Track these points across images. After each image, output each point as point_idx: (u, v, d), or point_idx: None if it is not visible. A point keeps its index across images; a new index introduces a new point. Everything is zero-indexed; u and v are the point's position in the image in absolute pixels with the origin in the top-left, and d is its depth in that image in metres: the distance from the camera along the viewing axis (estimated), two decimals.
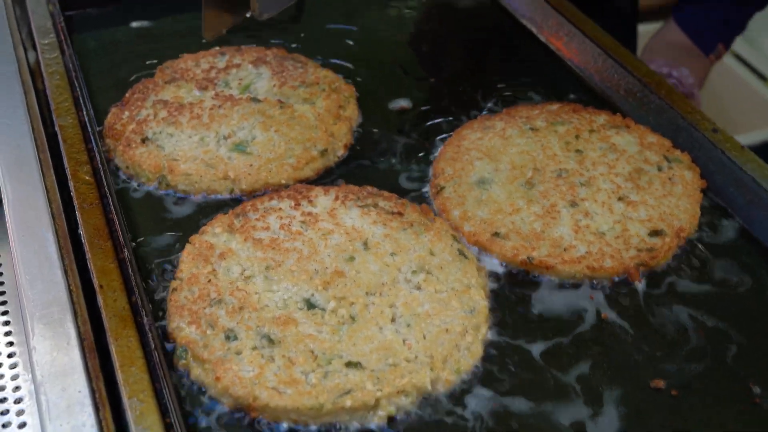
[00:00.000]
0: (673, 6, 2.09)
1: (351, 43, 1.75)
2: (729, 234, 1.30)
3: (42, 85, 1.55)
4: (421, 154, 1.45)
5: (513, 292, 1.21)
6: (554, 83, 1.61)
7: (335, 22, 1.82)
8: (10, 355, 1.13)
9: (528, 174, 1.35)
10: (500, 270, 1.24)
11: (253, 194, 1.36)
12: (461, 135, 1.45)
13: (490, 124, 1.46)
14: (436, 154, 1.44)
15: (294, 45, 1.71)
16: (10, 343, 1.15)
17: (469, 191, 1.33)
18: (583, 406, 1.06)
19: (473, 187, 1.34)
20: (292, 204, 1.29)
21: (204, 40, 1.44)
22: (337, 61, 1.66)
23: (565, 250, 1.23)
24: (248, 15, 1.40)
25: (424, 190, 1.38)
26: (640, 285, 1.21)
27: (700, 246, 1.28)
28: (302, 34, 1.77)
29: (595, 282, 1.21)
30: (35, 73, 1.60)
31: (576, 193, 1.31)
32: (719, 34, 2.04)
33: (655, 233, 1.25)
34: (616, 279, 1.22)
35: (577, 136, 1.42)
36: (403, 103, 1.57)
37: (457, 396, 1.07)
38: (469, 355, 1.10)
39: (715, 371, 1.10)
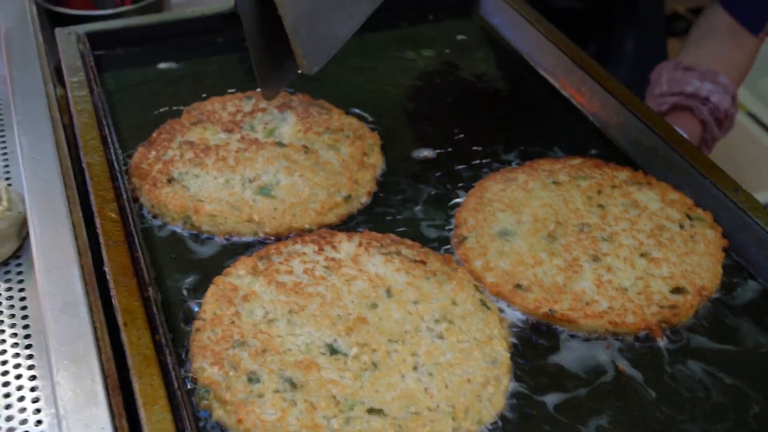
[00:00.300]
0: None
1: (373, 90, 1.78)
2: (751, 294, 1.30)
3: (70, 122, 1.57)
4: (443, 204, 1.46)
5: (534, 344, 1.21)
6: (576, 138, 1.63)
7: (356, 69, 1.85)
8: (33, 389, 1.13)
9: (550, 227, 1.36)
10: (522, 322, 1.24)
11: (276, 237, 1.37)
12: (484, 186, 1.46)
13: (513, 176, 1.48)
14: (458, 205, 1.45)
15: (317, 91, 1.73)
16: (33, 377, 1.15)
17: (491, 242, 1.34)
18: None
19: (495, 239, 1.35)
20: (316, 249, 1.30)
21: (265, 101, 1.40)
22: (359, 110, 1.68)
23: (587, 304, 1.23)
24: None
25: (447, 239, 1.39)
26: (662, 342, 1.21)
27: (721, 305, 1.28)
28: (324, 81, 1.79)
29: (616, 337, 1.22)
30: (63, 110, 1.62)
31: (598, 248, 1.32)
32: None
33: (677, 291, 1.26)
34: (638, 335, 1.22)
35: (599, 191, 1.43)
36: (426, 152, 1.58)
37: None
38: (490, 406, 1.10)
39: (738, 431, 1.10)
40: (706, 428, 1.10)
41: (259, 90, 1.56)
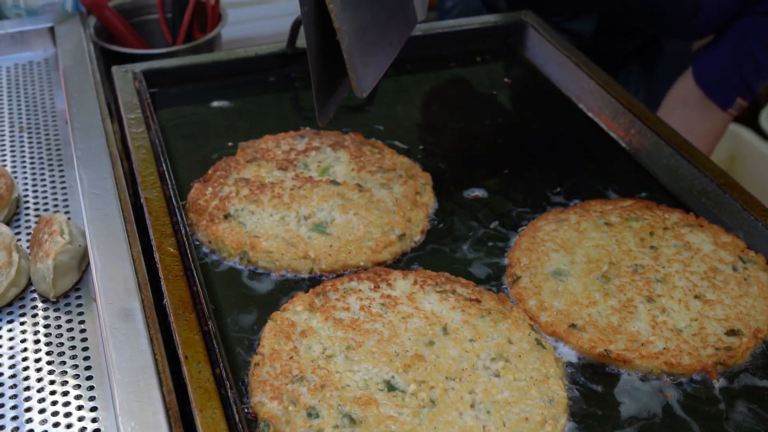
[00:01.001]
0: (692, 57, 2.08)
1: (424, 130, 1.80)
2: None
3: (128, 158, 1.60)
4: (495, 243, 1.47)
5: (590, 384, 1.21)
6: (626, 180, 1.63)
7: (408, 109, 1.87)
8: (94, 420, 1.15)
9: (604, 268, 1.37)
10: (577, 361, 1.25)
11: (331, 274, 1.39)
12: (536, 226, 1.47)
13: (565, 217, 1.49)
14: (510, 244, 1.46)
15: (371, 131, 1.75)
16: (95, 408, 1.16)
17: (545, 282, 1.35)
18: None
19: (549, 278, 1.35)
20: (372, 286, 1.32)
21: (320, 125, 1.46)
22: (410, 150, 1.70)
23: (642, 345, 1.24)
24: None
25: (500, 279, 1.40)
26: (718, 384, 1.21)
27: None
28: (377, 121, 1.81)
29: (672, 378, 1.22)
30: (121, 147, 1.66)
31: (652, 289, 1.32)
32: (735, 88, 2.01)
33: (732, 333, 1.26)
34: (694, 376, 1.22)
35: (651, 233, 1.44)
36: (477, 192, 1.60)
37: None
38: None
39: None
40: None
41: (312, 127, 1.59)
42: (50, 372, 1.22)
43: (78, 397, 1.18)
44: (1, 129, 1.76)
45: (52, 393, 1.19)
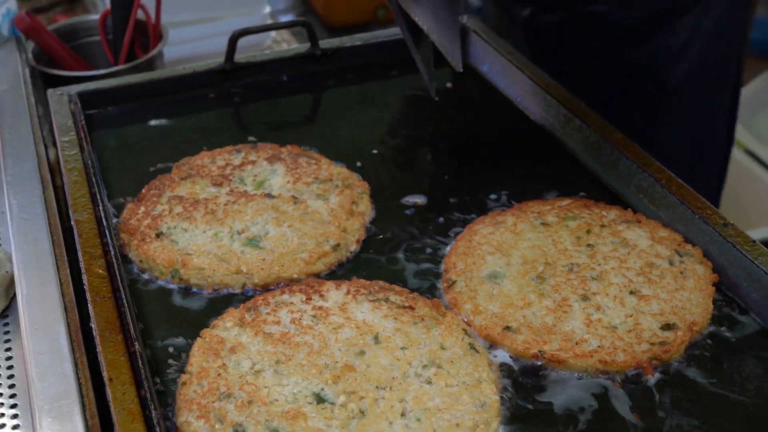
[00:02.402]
0: None
1: (363, 139, 1.78)
2: (743, 328, 1.29)
3: (61, 181, 1.58)
4: (432, 249, 1.45)
5: (524, 386, 1.20)
6: (566, 181, 1.62)
7: (348, 119, 1.86)
8: None
9: (539, 268, 1.35)
10: (512, 364, 1.23)
11: (265, 288, 1.37)
12: (473, 230, 1.46)
13: (502, 219, 1.47)
14: (447, 249, 1.44)
15: (308, 142, 1.74)
16: None
17: (480, 285, 1.33)
18: None
19: (485, 282, 1.34)
20: (304, 298, 1.30)
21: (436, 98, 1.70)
22: (348, 160, 1.68)
23: (576, 344, 1.22)
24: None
25: (436, 284, 1.38)
26: (653, 379, 1.20)
27: (712, 340, 1.27)
28: (315, 132, 1.80)
29: (607, 376, 1.20)
30: (54, 170, 1.63)
31: (587, 287, 1.31)
32: None
33: (668, 327, 1.25)
34: (629, 373, 1.20)
35: (588, 231, 1.43)
36: (417, 198, 1.58)
37: None
38: None
39: None
40: None
41: (252, 140, 1.57)
42: None
43: (1, 426, 1.16)
44: None
45: None
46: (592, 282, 1.32)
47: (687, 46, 2.04)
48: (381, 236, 1.49)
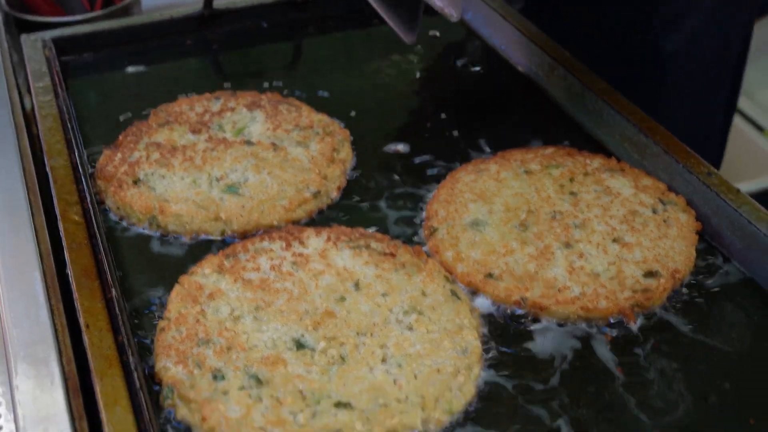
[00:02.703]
0: None
1: (346, 87, 1.76)
2: (725, 276, 1.28)
3: (36, 128, 1.54)
4: (414, 197, 1.44)
5: (506, 332, 1.19)
6: (550, 129, 1.61)
7: (330, 66, 1.83)
8: None
9: (522, 216, 1.34)
10: (493, 311, 1.22)
11: (244, 236, 1.35)
12: (455, 178, 1.44)
13: (485, 167, 1.46)
14: (429, 197, 1.43)
15: (289, 90, 1.71)
16: None
17: (462, 233, 1.32)
18: None
19: (467, 229, 1.32)
20: (284, 245, 1.28)
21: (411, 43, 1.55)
22: (333, 105, 1.66)
23: (559, 291, 1.21)
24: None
25: (417, 232, 1.37)
26: (635, 326, 1.19)
27: (695, 288, 1.26)
28: (299, 78, 1.77)
29: (589, 323, 1.19)
30: (30, 116, 1.60)
31: (570, 235, 1.30)
32: None
33: (650, 274, 1.24)
34: (611, 320, 1.20)
35: (571, 179, 1.41)
36: (398, 146, 1.56)
37: None
38: (461, 396, 1.08)
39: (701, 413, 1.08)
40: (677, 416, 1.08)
41: (231, 88, 1.54)
42: None
43: None
44: None
45: None
46: (575, 230, 1.31)
47: (685, 15, 1.98)
48: (362, 184, 1.47)
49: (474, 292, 1.24)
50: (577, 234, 1.30)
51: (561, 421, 1.06)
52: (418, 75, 1.81)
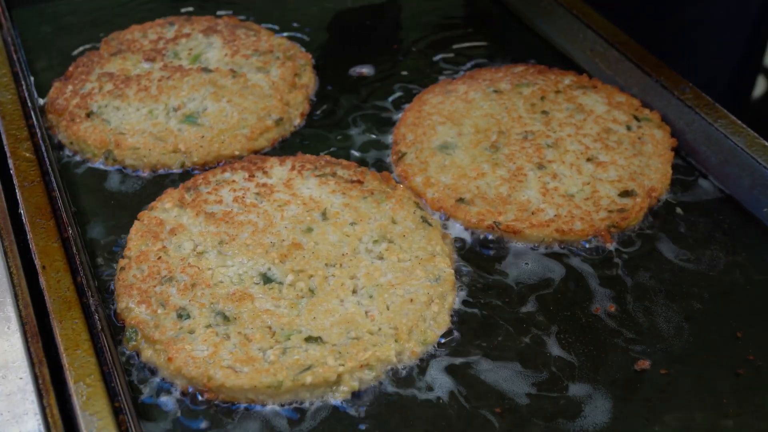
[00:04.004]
0: None
1: (309, 9, 1.69)
2: (702, 193, 1.25)
3: None
4: (381, 121, 1.39)
5: (480, 258, 1.15)
6: (518, 46, 1.56)
7: None
8: None
9: (492, 137, 1.30)
10: (466, 236, 1.18)
11: (205, 167, 1.30)
12: (422, 100, 1.39)
13: (452, 88, 1.41)
14: (396, 120, 1.38)
15: (246, 14, 1.64)
16: None
17: (431, 157, 1.27)
18: (554, 370, 1.01)
19: (436, 153, 1.28)
20: (246, 176, 1.23)
21: None
22: (294, 29, 1.59)
23: (532, 213, 1.18)
24: None
25: (385, 157, 1.32)
26: (611, 247, 1.16)
27: (672, 206, 1.23)
28: (255, 3, 1.70)
29: (564, 245, 1.16)
30: None
31: (543, 155, 1.26)
32: None
33: (626, 194, 1.20)
34: (587, 243, 1.16)
35: (542, 98, 1.37)
36: (363, 69, 1.50)
37: (424, 367, 1.01)
38: (435, 325, 1.05)
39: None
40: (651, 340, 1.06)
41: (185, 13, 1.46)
42: None
43: None
44: None
45: None
46: (548, 150, 1.27)
47: None
48: (326, 109, 1.42)
49: (445, 217, 1.20)
50: (550, 154, 1.26)
51: (537, 344, 1.04)
52: None
